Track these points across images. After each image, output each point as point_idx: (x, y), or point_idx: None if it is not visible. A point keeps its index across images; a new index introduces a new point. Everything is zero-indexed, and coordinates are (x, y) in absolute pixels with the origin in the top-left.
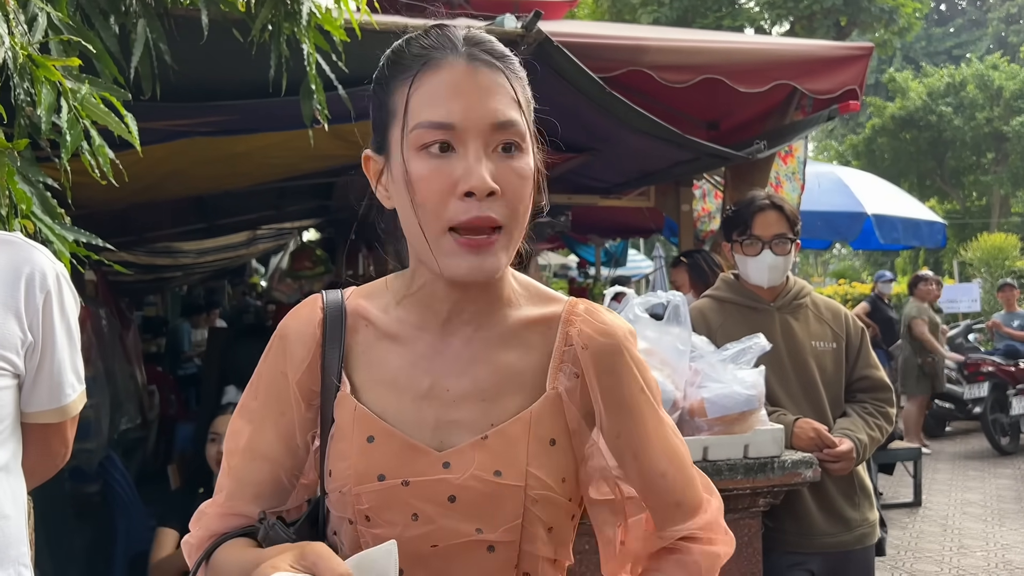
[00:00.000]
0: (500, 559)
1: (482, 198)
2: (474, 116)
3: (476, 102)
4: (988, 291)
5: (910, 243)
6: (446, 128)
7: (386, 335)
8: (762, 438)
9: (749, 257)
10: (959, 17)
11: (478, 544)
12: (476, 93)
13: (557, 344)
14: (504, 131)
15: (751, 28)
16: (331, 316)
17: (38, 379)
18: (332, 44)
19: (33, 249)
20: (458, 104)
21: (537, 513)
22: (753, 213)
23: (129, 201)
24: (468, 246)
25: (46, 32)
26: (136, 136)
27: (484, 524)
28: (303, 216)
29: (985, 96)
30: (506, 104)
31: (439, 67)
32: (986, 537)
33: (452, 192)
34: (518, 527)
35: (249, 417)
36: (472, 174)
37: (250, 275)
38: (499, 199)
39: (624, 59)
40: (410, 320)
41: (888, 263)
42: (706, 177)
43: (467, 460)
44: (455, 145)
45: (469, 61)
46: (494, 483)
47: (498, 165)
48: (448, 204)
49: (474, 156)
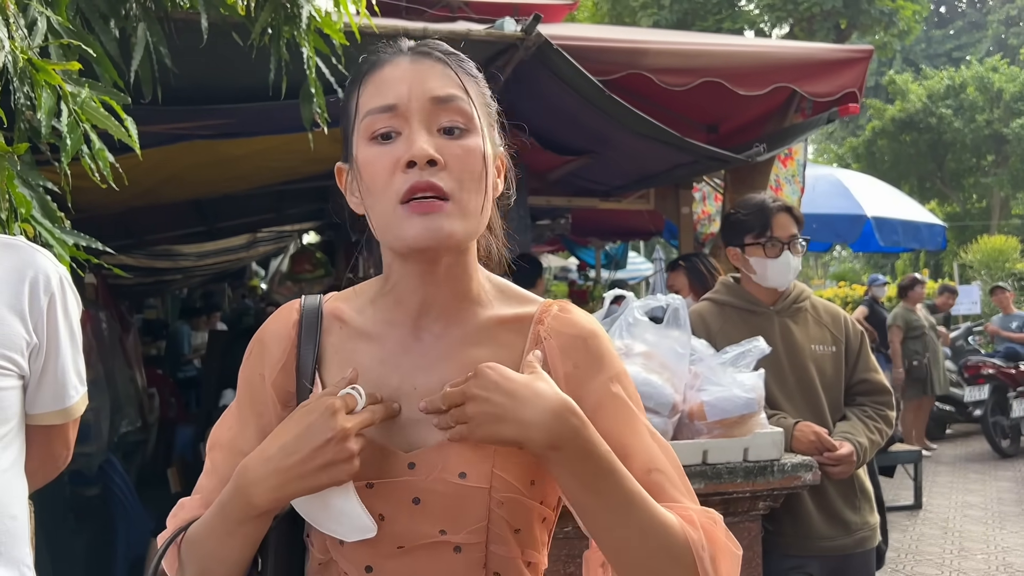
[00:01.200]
0: (467, 560)
1: (423, 166)
2: (414, 94)
3: (416, 84)
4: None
5: (910, 245)
6: (389, 110)
7: (359, 335)
8: (762, 441)
9: (769, 259)
10: (959, 19)
11: (443, 545)
12: (417, 77)
13: (528, 344)
14: (445, 108)
15: (751, 31)
16: (307, 318)
17: (42, 381)
18: (332, 47)
19: (37, 252)
20: (399, 88)
21: (503, 515)
22: (770, 216)
23: (129, 204)
24: (416, 210)
25: (46, 36)
26: (136, 140)
27: (448, 526)
28: (303, 219)
29: (985, 98)
30: (446, 83)
31: (383, 65)
32: (987, 540)
33: (397, 168)
34: (483, 529)
35: (232, 417)
36: (412, 145)
37: (250, 278)
38: (442, 169)
39: (624, 62)
40: (382, 319)
41: (888, 266)
42: (706, 180)
43: (432, 462)
44: (399, 129)
45: (412, 56)
46: (458, 485)
47: (441, 142)
48: (394, 180)
49: (415, 133)
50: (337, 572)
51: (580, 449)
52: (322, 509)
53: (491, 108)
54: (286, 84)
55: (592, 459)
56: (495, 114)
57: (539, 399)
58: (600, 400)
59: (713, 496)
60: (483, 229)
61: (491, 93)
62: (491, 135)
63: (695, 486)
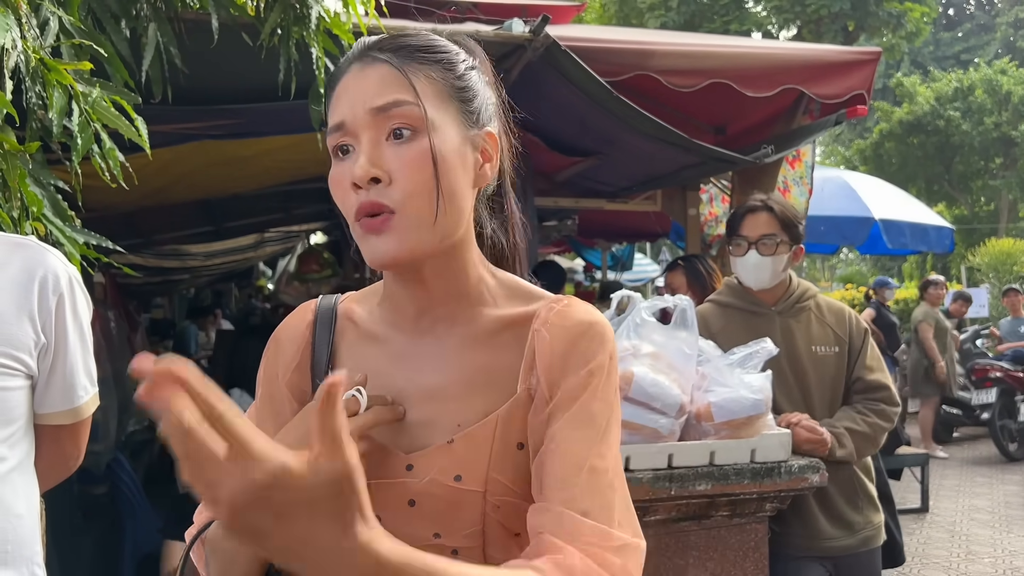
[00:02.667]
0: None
1: (365, 187)
2: (357, 109)
3: (357, 96)
4: (996, 296)
5: (918, 248)
6: (340, 128)
7: (368, 335)
8: (769, 442)
9: (737, 258)
10: (967, 22)
11: (440, 549)
12: (359, 88)
13: (529, 343)
14: (387, 115)
15: (758, 32)
16: (321, 318)
17: (51, 381)
18: (341, 48)
19: (46, 252)
20: (345, 102)
21: (499, 519)
22: (743, 214)
23: (138, 204)
24: (366, 229)
25: (58, 36)
26: (146, 139)
27: (442, 529)
28: (311, 219)
29: (993, 101)
30: (386, 89)
31: (340, 78)
32: (994, 543)
33: (350, 187)
34: (479, 533)
35: (251, 416)
36: (354, 167)
37: (257, 278)
38: (387, 186)
39: (631, 63)
40: (387, 320)
41: (895, 268)
42: (713, 181)
43: (430, 464)
44: (352, 144)
45: (360, 62)
46: (453, 488)
47: (390, 152)
48: (348, 198)
49: (362, 150)
50: None
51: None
52: None
53: (467, 91)
54: (295, 84)
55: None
56: (475, 94)
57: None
58: (566, 394)
59: (720, 497)
60: (453, 230)
61: (471, 67)
62: (461, 123)
63: (702, 487)
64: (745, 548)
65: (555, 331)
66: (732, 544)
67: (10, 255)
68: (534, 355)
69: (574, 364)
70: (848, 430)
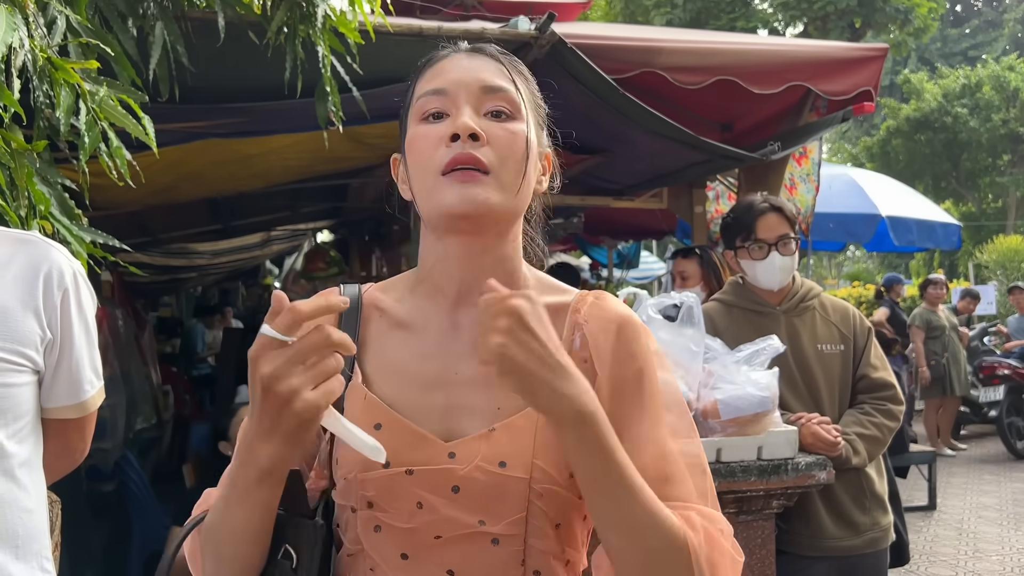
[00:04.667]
0: (505, 553)
1: (465, 139)
2: (464, 81)
3: (468, 72)
4: (1004, 294)
5: (925, 245)
6: (439, 93)
7: (398, 324)
8: (776, 440)
9: (757, 261)
10: (975, 18)
11: (482, 536)
12: (470, 67)
13: (566, 333)
14: (493, 96)
15: (764, 29)
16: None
17: (57, 375)
18: (347, 46)
19: (51, 247)
20: (451, 75)
21: (542, 507)
22: (755, 217)
23: (145, 202)
24: (456, 179)
25: (65, 35)
26: (153, 138)
27: (487, 516)
28: (317, 217)
29: (1001, 97)
30: (496, 75)
31: (439, 60)
32: (1001, 541)
33: (441, 143)
34: (522, 520)
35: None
36: (456, 121)
37: (264, 276)
38: (484, 144)
39: (637, 60)
40: (421, 307)
41: (903, 265)
42: (720, 179)
43: (472, 451)
44: (448, 111)
45: (467, 52)
46: (498, 474)
47: (486, 123)
48: (437, 152)
49: (462, 111)
50: (365, 564)
51: (594, 436)
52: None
53: (541, 110)
54: (301, 83)
55: (602, 450)
56: (544, 116)
57: (573, 375)
58: (622, 389)
59: (727, 494)
60: (522, 210)
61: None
62: (538, 133)
63: None
64: (751, 545)
65: (597, 324)
66: (739, 541)
67: (14, 251)
68: (571, 344)
69: (623, 357)
70: (859, 435)
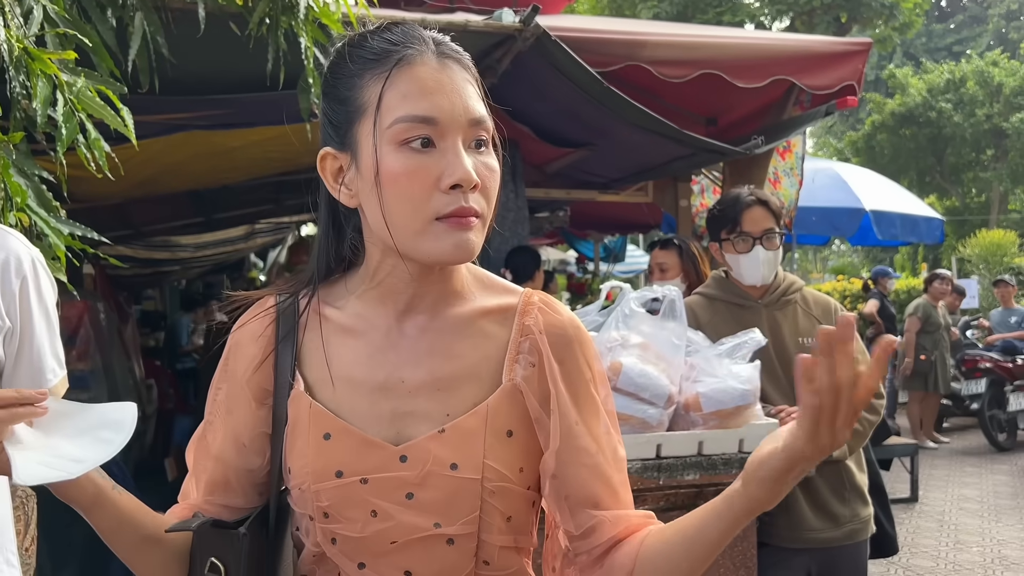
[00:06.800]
0: (460, 551)
1: (467, 190)
2: (456, 112)
3: (456, 98)
4: (987, 287)
5: (908, 239)
6: (429, 123)
7: (342, 330)
8: (757, 432)
9: (741, 255)
10: (960, 13)
11: (437, 538)
12: (453, 89)
13: (513, 335)
14: (478, 127)
15: (751, 24)
16: (284, 316)
17: (18, 365)
18: (330, 37)
19: (7, 234)
20: (439, 100)
21: (495, 504)
22: (741, 211)
23: (127, 195)
24: (452, 225)
25: (42, 25)
26: (132, 130)
27: (442, 518)
28: (301, 211)
29: (985, 93)
30: (477, 101)
31: (412, 63)
32: (982, 533)
33: (436, 186)
34: (476, 519)
35: (208, 416)
36: (459, 168)
37: (249, 269)
38: (477, 191)
39: (622, 54)
40: (366, 314)
41: (888, 259)
42: (704, 172)
43: (424, 454)
44: (436, 140)
45: (439, 58)
46: (451, 477)
47: (474, 160)
48: (432, 197)
49: (455, 151)
50: (331, 565)
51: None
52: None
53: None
54: (284, 74)
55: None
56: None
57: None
58: (578, 396)
59: (708, 487)
60: None
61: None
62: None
63: (690, 477)
64: (733, 538)
65: (549, 333)
66: None
67: None
68: (518, 347)
69: (581, 366)
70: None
